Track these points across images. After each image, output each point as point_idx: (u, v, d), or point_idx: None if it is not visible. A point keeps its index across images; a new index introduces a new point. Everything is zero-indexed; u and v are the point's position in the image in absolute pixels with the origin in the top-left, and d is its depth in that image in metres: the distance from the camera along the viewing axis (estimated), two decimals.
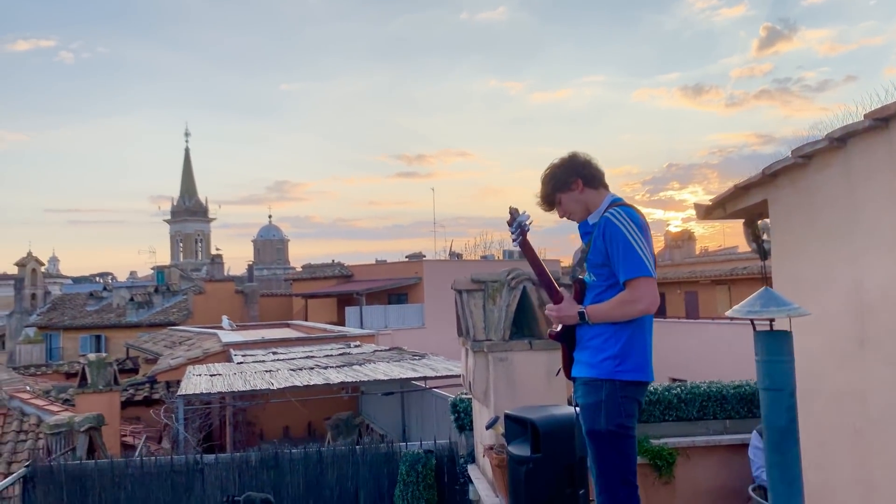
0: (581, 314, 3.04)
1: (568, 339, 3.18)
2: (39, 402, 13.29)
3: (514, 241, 3.08)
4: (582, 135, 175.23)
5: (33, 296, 38.35)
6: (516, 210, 3.08)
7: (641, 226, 2.98)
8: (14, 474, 7.77)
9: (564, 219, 3.23)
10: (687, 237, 32.65)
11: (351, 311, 28.84)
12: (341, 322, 28.42)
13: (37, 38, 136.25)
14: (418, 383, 11.43)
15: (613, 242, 2.94)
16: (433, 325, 27.44)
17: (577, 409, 3.18)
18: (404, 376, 10.98)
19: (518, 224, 3.05)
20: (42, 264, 40.62)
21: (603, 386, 2.99)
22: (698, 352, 17.69)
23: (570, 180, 3.13)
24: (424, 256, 36.20)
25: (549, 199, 3.21)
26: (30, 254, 39.24)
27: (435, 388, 10.97)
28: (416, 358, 13.04)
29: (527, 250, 3.13)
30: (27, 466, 7.82)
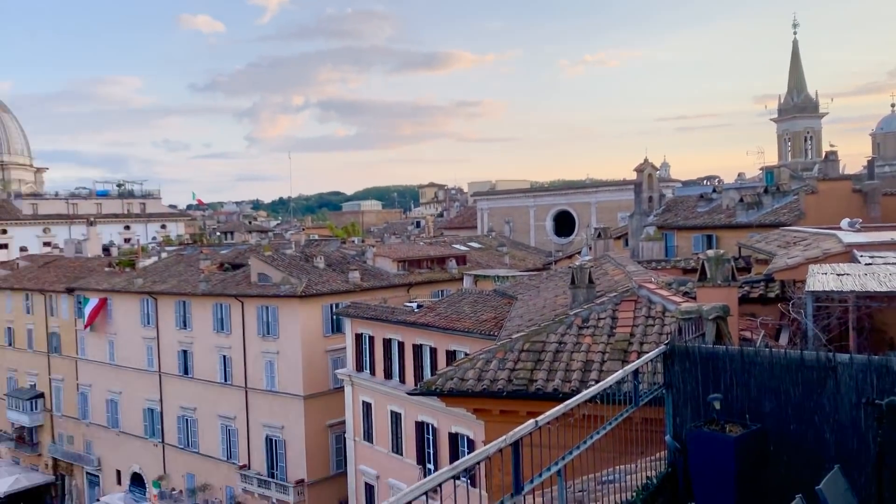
0: None
1: None
2: (663, 293, 14.74)
3: None
4: None
5: (650, 199, 42.87)
6: None
7: None
8: (657, 349, 8.80)
9: None
10: None
11: None
12: None
13: None
14: None
15: None
16: None
17: None
18: None
19: None
20: (656, 170, 44.78)
21: None
22: None
23: None
24: None
25: None
26: (646, 160, 43.75)
27: None
28: None
29: None
30: (666, 345, 8.75)
